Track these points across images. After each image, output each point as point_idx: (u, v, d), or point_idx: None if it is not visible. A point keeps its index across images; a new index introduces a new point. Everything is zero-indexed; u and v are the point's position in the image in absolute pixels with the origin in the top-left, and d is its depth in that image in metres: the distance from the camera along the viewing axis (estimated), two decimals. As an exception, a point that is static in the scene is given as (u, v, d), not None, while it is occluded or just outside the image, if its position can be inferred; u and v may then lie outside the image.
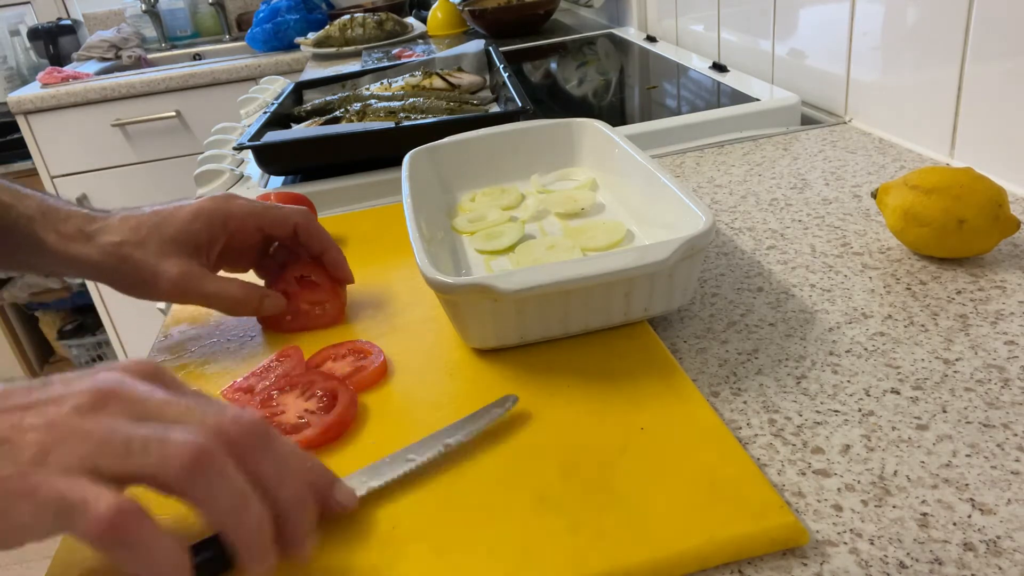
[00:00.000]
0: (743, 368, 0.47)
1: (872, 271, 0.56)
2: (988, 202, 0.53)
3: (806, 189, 0.72)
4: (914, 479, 0.38)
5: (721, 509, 0.36)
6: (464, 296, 0.47)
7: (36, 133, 2.09)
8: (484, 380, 0.48)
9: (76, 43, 2.47)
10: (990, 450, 0.39)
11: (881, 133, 0.83)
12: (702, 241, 0.48)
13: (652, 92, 1.13)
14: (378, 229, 0.73)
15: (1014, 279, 0.53)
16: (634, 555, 0.34)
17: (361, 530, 0.38)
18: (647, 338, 0.50)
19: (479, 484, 0.39)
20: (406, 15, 2.27)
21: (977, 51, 0.67)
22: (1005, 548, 0.33)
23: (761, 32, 1.05)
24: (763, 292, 0.55)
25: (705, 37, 1.25)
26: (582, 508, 0.37)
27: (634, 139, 0.65)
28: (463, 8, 1.85)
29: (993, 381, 0.44)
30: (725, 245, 0.63)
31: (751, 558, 0.34)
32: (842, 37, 0.86)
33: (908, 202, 0.55)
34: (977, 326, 0.48)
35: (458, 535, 0.36)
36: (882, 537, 0.35)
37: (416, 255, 0.50)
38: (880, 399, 0.43)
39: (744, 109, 0.90)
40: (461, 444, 0.41)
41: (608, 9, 1.77)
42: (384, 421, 0.45)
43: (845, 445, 0.40)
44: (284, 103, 1.10)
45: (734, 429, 0.42)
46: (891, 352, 0.47)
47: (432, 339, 0.53)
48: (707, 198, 0.73)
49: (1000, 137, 0.66)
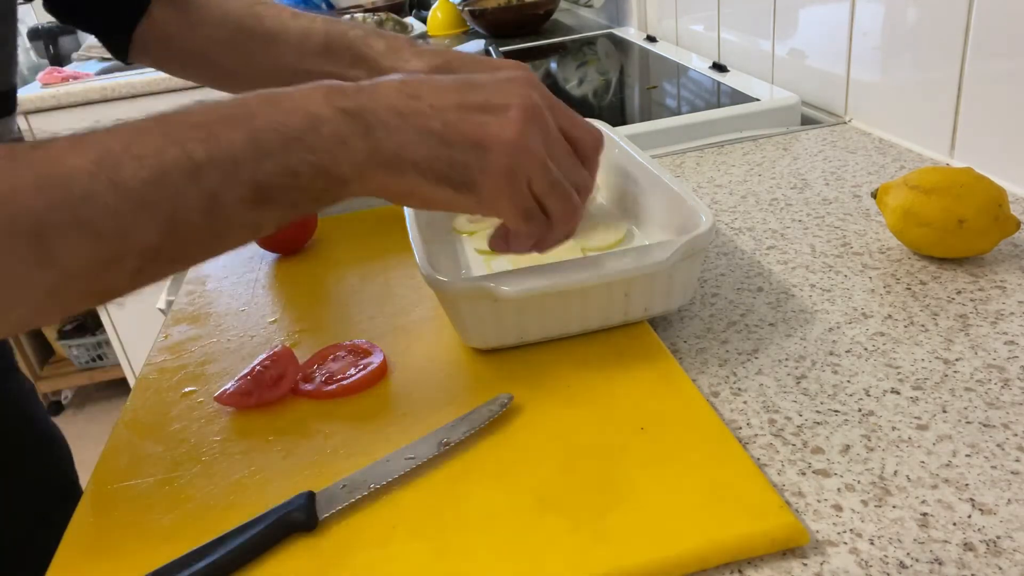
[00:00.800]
0: (743, 368, 0.47)
1: (872, 271, 0.56)
2: (988, 202, 0.53)
3: (806, 189, 0.72)
4: (914, 479, 0.38)
5: (721, 509, 0.36)
6: (464, 296, 0.47)
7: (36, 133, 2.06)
8: (484, 380, 0.48)
9: (76, 43, 2.47)
10: (990, 450, 0.39)
11: (881, 133, 0.83)
12: (702, 241, 0.48)
13: (652, 92, 1.13)
14: (378, 229, 0.73)
15: (1014, 279, 0.53)
16: (634, 555, 0.34)
17: (361, 530, 0.38)
18: (647, 338, 0.49)
19: (479, 484, 0.39)
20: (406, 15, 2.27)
21: (977, 51, 0.67)
22: (1005, 548, 0.33)
23: (761, 32, 1.05)
24: (763, 292, 0.55)
25: (705, 37, 1.25)
26: (582, 508, 0.37)
27: (634, 139, 0.65)
28: (463, 8, 1.85)
29: (993, 381, 0.44)
30: (725, 245, 0.63)
31: (751, 558, 0.34)
32: (842, 37, 0.86)
33: (908, 202, 0.55)
34: (977, 326, 0.48)
35: (458, 535, 0.36)
36: (882, 537, 0.35)
37: (416, 255, 0.50)
38: (880, 399, 0.43)
39: (744, 109, 0.90)
40: (458, 442, 0.41)
41: (608, 9, 1.77)
42: (384, 421, 0.45)
43: (845, 445, 0.40)
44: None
45: (734, 429, 0.42)
46: (891, 352, 0.47)
47: (432, 339, 0.53)
48: (707, 198, 0.73)
49: (1000, 137, 0.66)
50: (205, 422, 0.48)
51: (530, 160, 0.40)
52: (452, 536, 0.36)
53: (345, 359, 0.51)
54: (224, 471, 0.43)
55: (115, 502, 0.42)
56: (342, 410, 0.47)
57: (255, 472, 0.43)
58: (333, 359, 0.51)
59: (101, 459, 0.46)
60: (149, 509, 0.41)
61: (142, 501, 0.42)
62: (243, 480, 0.42)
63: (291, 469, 0.42)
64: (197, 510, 0.40)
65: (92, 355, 2.35)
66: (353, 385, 0.48)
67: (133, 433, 0.48)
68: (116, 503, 0.42)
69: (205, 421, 0.48)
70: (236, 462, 0.44)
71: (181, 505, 0.41)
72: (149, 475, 0.43)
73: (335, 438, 0.44)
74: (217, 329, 0.59)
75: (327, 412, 0.47)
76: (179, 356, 0.56)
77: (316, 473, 0.42)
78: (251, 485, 0.42)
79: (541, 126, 0.41)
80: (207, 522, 0.39)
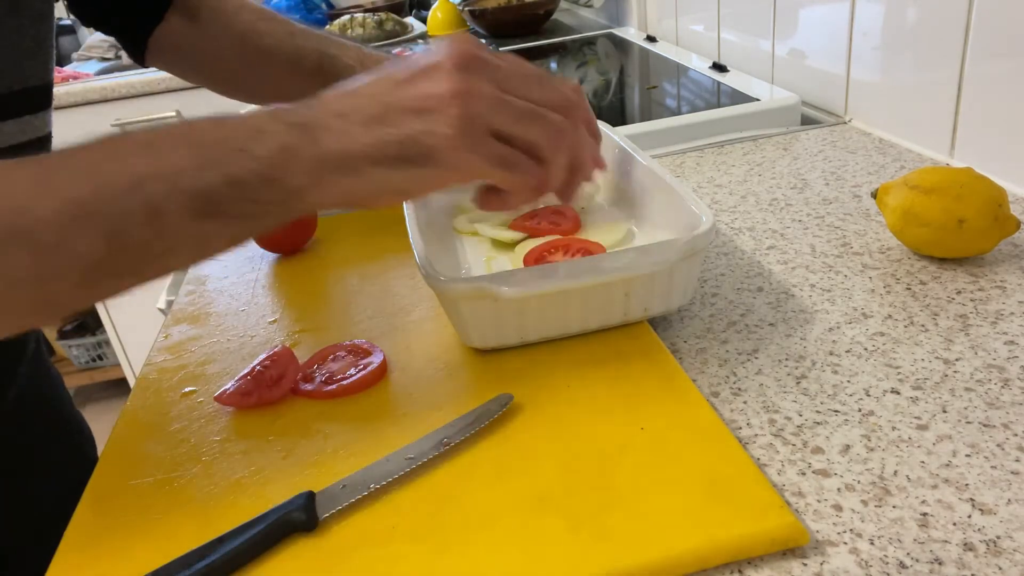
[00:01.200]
0: (743, 368, 0.47)
1: (872, 271, 0.56)
2: (988, 202, 0.53)
3: (806, 189, 0.72)
4: (914, 479, 0.38)
5: (721, 509, 0.36)
6: (464, 296, 0.47)
7: (37, 133, 2.08)
8: (484, 380, 0.48)
9: (76, 43, 2.47)
10: (990, 450, 0.39)
11: (881, 133, 0.83)
12: (702, 241, 0.48)
13: (652, 92, 1.13)
14: (378, 229, 0.73)
15: (1014, 279, 0.53)
16: (634, 555, 0.34)
17: (361, 530, 0.38)
18: (647, 338, 0.49)
19: (479, 484, 0.39)
20: (406, 15, 2.27)
21: (977, 51, 0.67)
22: (1005, 548, 0.33)
23: (761, 32, 1.05)
24: (763, 292, 0.55)
25: (705, 37, 1.25)
26: (582, 508, 0.37)
27: (634, 139, 0.65)
28: (463, 8, 1.85)
29: (993, 381, 0.44)
30: (725, 245, 0.63)
31: (751, 558, 0.34)
32: (842, 37, 0.86)
33: (908, 202, 0.55)
34: (977, 326, 0.48)
35: (458, 535, 0.36)
36: (882, 537, 0.35)
37: (416, 255, 0.50)
38: (880, 399, 0.43)
39: (744, 109, 0.90)
40: (458, 443, 0.41)
41: (608, 9, 1.77)
42: (383, 421, 0.45)
43: (845, 445, 0.40)
44: (284, 103, 1.09)
45: (734, 429, 0.42)
46: (891, 352, 0.47)
47: (432, 339, 0.53)
48: (707, 198, 0.73)
49: (1000, 137, 0.66)
50: (205, 422, 0.48)
51: (478, 104, 0.39)
52: (452, 536, 0.36)
53: (345, 359, 0.51)
54: (224, 471, 0.43)
55: (115, 502, 0.42)
56: (342, 410, 0.47)
57: (255, 472, 0.43)
58: (333, 359, 0.51)
59: (101, 459, 0.46)
60: (149, 509, 0.41)
61: (142, 501, 0.42)
62: (243, 480, 0.42)
63: (291, 469, 0.42)
64: (197, 510, 0.40)
65: (92, 355, 2.35)
66: (353, 385, 0.48)
67: (133, 433, 0.48)
68: (116, 503, 0.42)
69: (205, 421, 0.48)
70: (236, 462, 0.44)
71: (181, 505, 0.41)
72: (149, 475, 0.43)
73: (335, 438, 0.44)
74: (217, 329, 0.59)
75: (327, 412, 0.47)
76: (179, 356, 0.56)
77: (316, 473, 0.42)
78: (251, 485, 0.42)
79: (480, 67, 0.39)
80: (207, 522, 0.39)
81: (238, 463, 0.43)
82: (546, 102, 0.41)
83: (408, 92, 0.39)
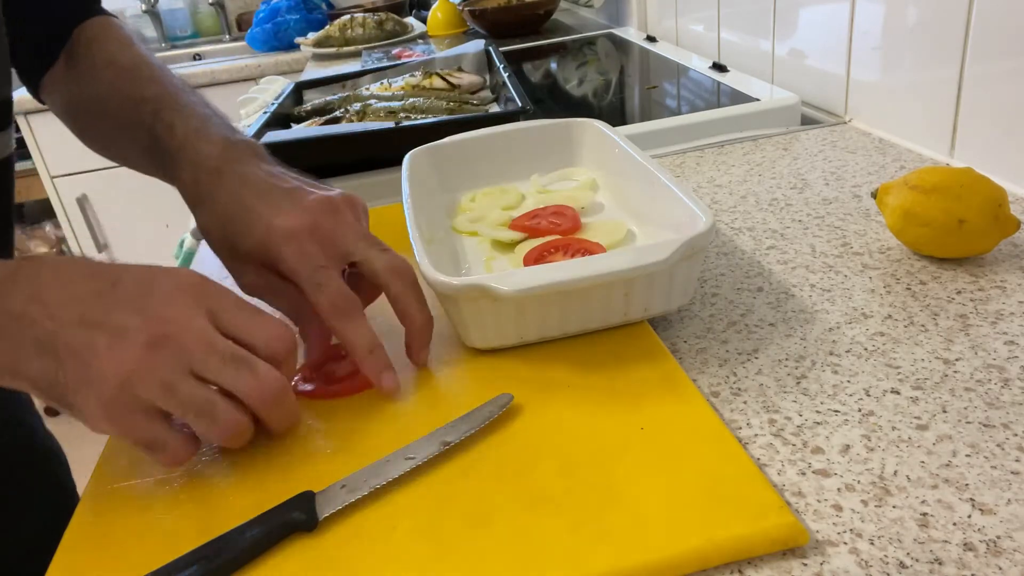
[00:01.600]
0: (743, 368, 0.47)
1: (872, 271, 0.56)
2: (988, 202, 0.53)
3: (806, 189, 0.72)
4: (914, 479, 0.38)
5: (721, 509, 0.36)
6: (464, 296, 0.47)
7: (36, 133, 2.08)
8: (483, 380, 0.48)
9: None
10: (990, 450, 0.39)
11: (881, 133, 0.83)
12: (702, 241, 0.48)
13: (652, 92, 1.14)
14: (378, 229, 0.73)
15: (1014, 279, 0.53)
16: (634, 555, 0.34)
17: (361, 530, 0.38)
18: (647, 338, 0.49)
19: (479, 484, 0.39)
20: (406, 15, 2.27)
21: (977, 51, 0.67)
22: (1005, 548, 0.33)
23: (761, 32, 1.05)
24: (763, 292, 0.55)
25: (705, 37, 1.26)
26: (582, 508, 0.37)
27: (634, 139, 0.65)
28: (463, 8, 1.85)
29: (993, 381, 0.44)
30: (725, 245, 0.63)
31: (751, 558, 0.34)
32: (842, 37, 0.86)
33: (908, 202, 0.55)
34: (977, 326, 0.48)
35: (458, 535, 0.36)
36: (882, 537, 0.35)
37: (416, 255, 0.50)
38: (880, 399, 0.43)
39: (744, 109, 0.90)
40: (459, 442, 0.41)
41: (608, 9, 1.77)
42: (383, 421, 0.45)
43: (845, 445, 0.40)
44: (284, 103, 1.09)
45: (734, 429, 0.42)
46: (891, 352, 0.47)
47: (432, 339, 0.53)
48: (707, 198, 0.73)
49: (1000, 137, 0.66)
50: (205, 422, 0.47)
51: (145, 389, 0.38)
52: (452, 536, 0.36)
53: (345, 359, 0.51)
54: (224, 471, 0.43)
55: (115, 502, 0.42)
56: (342, 410, 0.47)
57: (255, 472, 0.43)
58: (333, 359, 0.51)
59: (101, 459, 0.46)
60: (149, 509, 0.41)
61: (142, 501, 0.42)
62: (243, 480, 0.42)
63: (291, 469, 0.42)
64: (197, 510, 0.40)
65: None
66: (353, 385, 0.48)
67: (133, 433, 0.48)
68: (116, 503, 0.42)
69: (205, 421, 0.48)
70: (236, 462, 0.43)
71: (181, 505, 0.41)
72: (149, 475, 0.43)
73: (335, 438, 0.44)
74: (217, 329, 0.59)
75: (327, 412, 0.47)
76: (179, 356, 0.56)
77: (316, 473, 0.42)
78: (251, 485, 0.42)
79: (172, 351, 0.38)
80: (207, 522, 0.39)
81: (238, 463, 0.43)
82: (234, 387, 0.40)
83: (84, 337, 0.38)
